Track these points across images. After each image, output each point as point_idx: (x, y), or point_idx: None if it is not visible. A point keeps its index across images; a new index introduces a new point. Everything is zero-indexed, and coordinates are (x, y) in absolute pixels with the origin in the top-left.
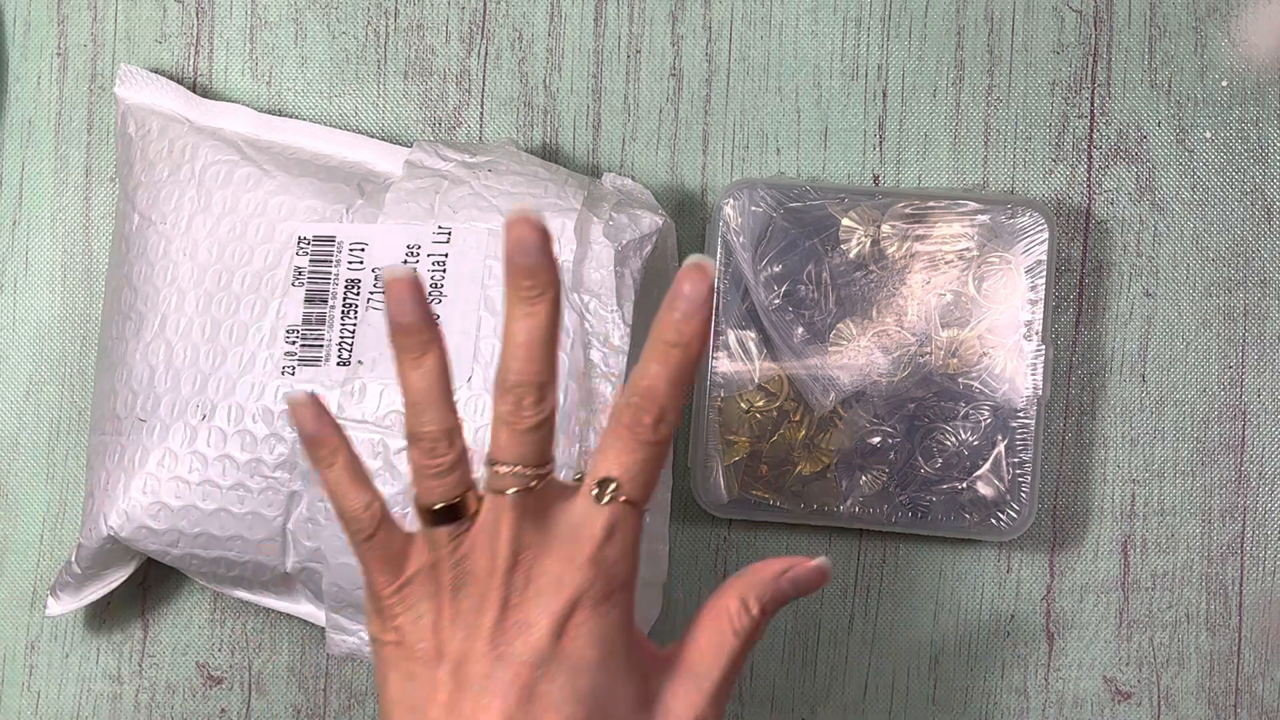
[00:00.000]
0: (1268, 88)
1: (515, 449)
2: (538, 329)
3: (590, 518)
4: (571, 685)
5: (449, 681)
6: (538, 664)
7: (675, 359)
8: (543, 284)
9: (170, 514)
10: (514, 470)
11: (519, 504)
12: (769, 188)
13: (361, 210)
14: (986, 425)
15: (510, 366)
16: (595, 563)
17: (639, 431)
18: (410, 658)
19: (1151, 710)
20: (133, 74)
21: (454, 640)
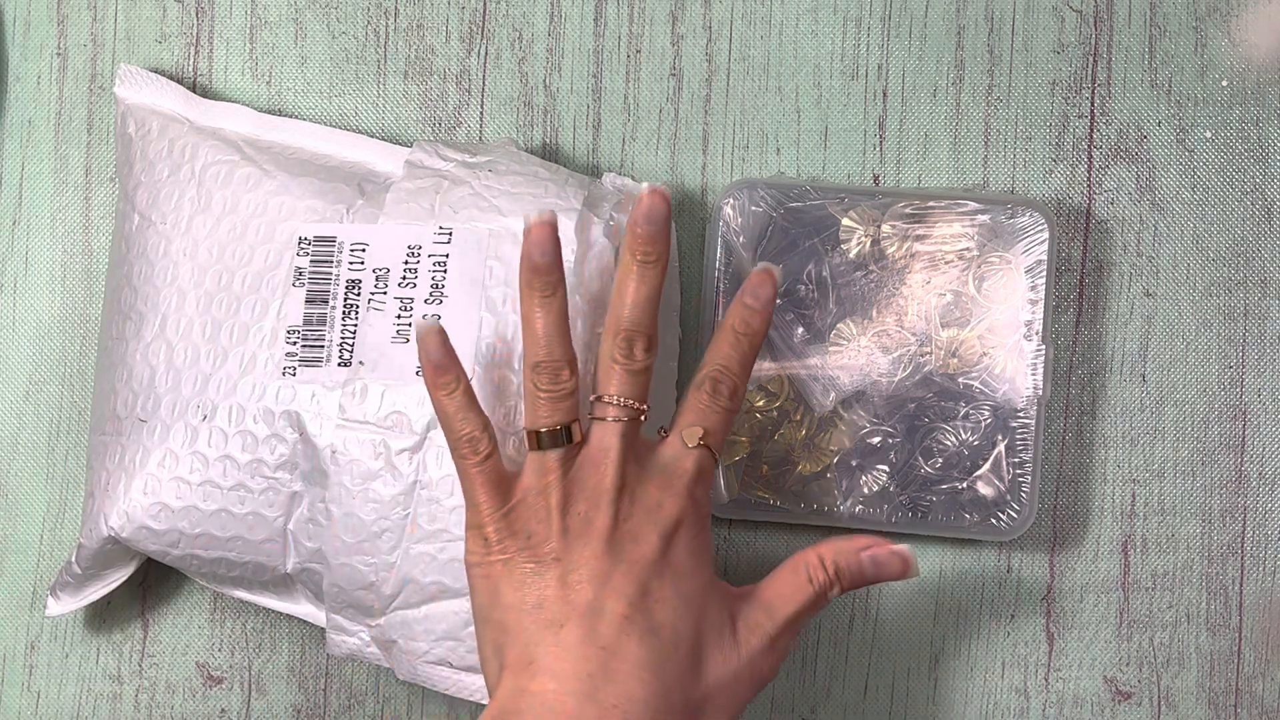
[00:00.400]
0: (1268, 87)
1: (623, 386)
2: (650, 287)
3: (682, 456)
4: (675, 587)
5: (567, 580)
6: (650, 565)
7: (744, 345)
8: (660, 250)
9: (171, 514)
10: (621, 403)
11: (624, 433)
12: (769, 188)
13: (362, 210)
14: (986, 425)
15: (623, 316)
16: (690, 493)
17: (717, 400)
18: (524, 568)
19: (1151, 710)
20: (133, 74)
21: (569, 550)
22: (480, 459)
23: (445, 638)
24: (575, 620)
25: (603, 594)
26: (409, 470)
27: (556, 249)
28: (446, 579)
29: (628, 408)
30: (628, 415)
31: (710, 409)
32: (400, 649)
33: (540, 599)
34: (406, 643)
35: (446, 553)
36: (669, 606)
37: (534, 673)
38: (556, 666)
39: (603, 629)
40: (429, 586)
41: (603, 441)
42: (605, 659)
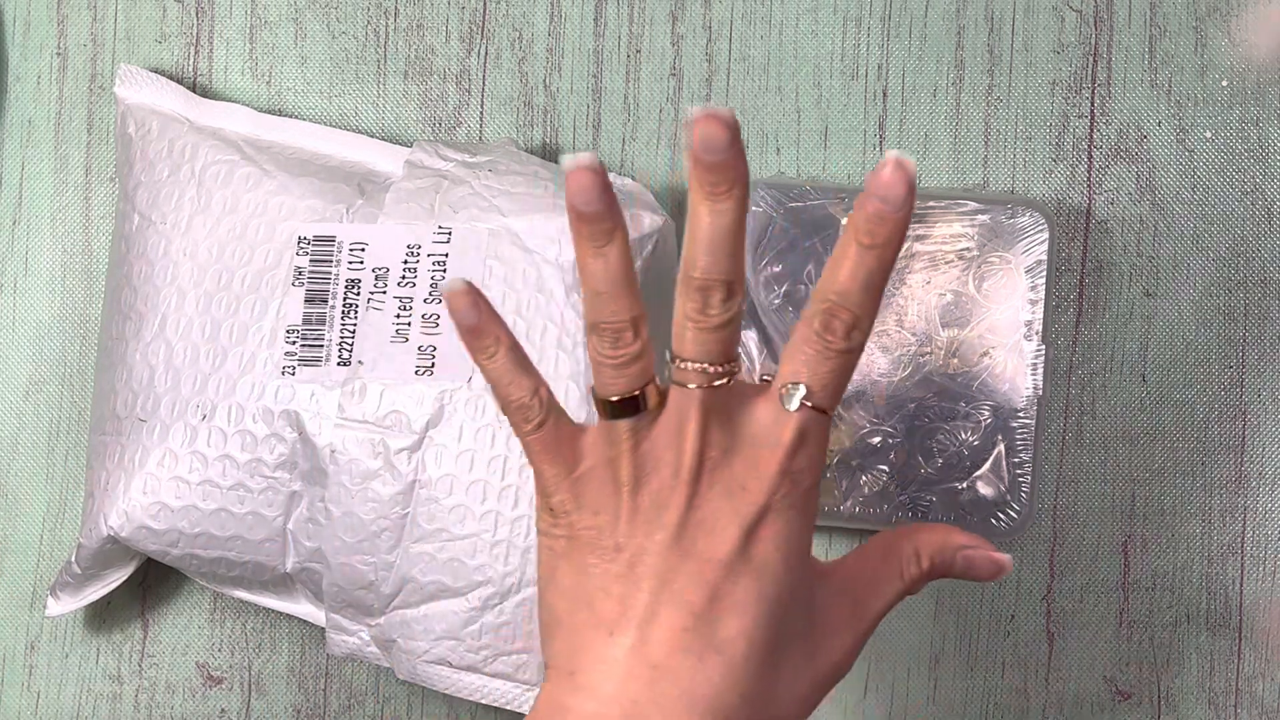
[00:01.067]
0: (1268, 87)
1: (701, 346)
2: (725, 225)
3: (779, 423)
4: (758, 590)
5: (627, 576)
6: (724, 565)
7: (869, 263)
8: (730, 179)
9: (170, 514)
10: (700, 367)
11: (705, 400)
12: (769, 187)
13: (362, 210)
14: (986, 425)
15: (696, 263)
16: (784, 471)
17: (830, 339)
18: (584, 551)
19: (1151, 710)
20: (133, 74)
21: (634, 536)
22: (534, 426)
23: (445, 637)
24: (626, 629)
25: (661, 598)
26: (408, 469)
27: (603, 191)
28: (446, 578)
29: (706, 372)
30: (705, 380)
31: (819, 355)
32: (400, 648)
33: (594, 595)
34: (406, 642)
35: (446, 552)
36: (742, 614)
37: (575, 686)
38: (599, 685)
39: (655, 643)
40: (428, 586)
41: (679, 411)
42: (654, 680)
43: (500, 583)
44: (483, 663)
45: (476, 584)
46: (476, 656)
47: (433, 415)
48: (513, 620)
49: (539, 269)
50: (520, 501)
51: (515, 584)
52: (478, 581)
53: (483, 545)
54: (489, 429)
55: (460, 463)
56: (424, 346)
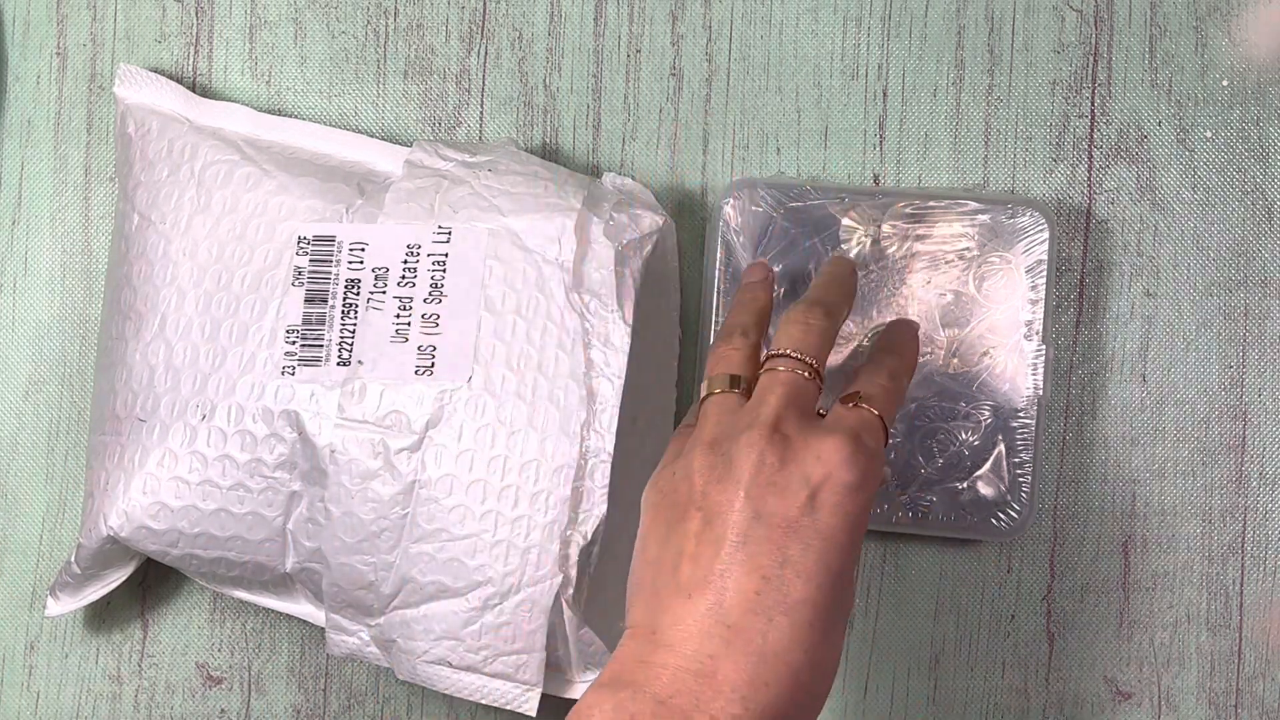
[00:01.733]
0: (1268, 87)
1: (797, 339)
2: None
3: (844, 417)
4: (823, 557)
5: (703, 533)
6: (790, 526)
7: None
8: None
9: (170, 514)
10: (792, 355)
11: (789, 382)
12: (769, 187)
13: (361, 210)
14: (986, 425)
15: (814, 290)
16: (852, 448)
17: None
18: (666, 509)
19: (1152, 710)
20: (132, 74)
21: (709, 492)
22: None
23: (444, 637)
24: (703, 592)
25: (736, 560)
26: (408, 470)
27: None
28: (446, 578)
29: (797, 359)
30: (794, 366)
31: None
32: (399, 648)
33: (676, 559)
34: (406, 642)
35: (445, 552)
36: (808, 580)
37: (656, 643)
38: (680, 642)
39: (730, 606)
40: (428, 586)
41: (763, 390)
42: (730, 639)
43: (500, 583)
44: (483, 663)
45: (476, 584)
46: (476, 657)
47: (432, 415)
48: (513, 620)
49: (539, 269)
50: (520, 501)
51: (515, 584)
52: (478, 581)
53: (483, 545)
54: (489, 429)
55: (460, 463)
56: (424, 346)
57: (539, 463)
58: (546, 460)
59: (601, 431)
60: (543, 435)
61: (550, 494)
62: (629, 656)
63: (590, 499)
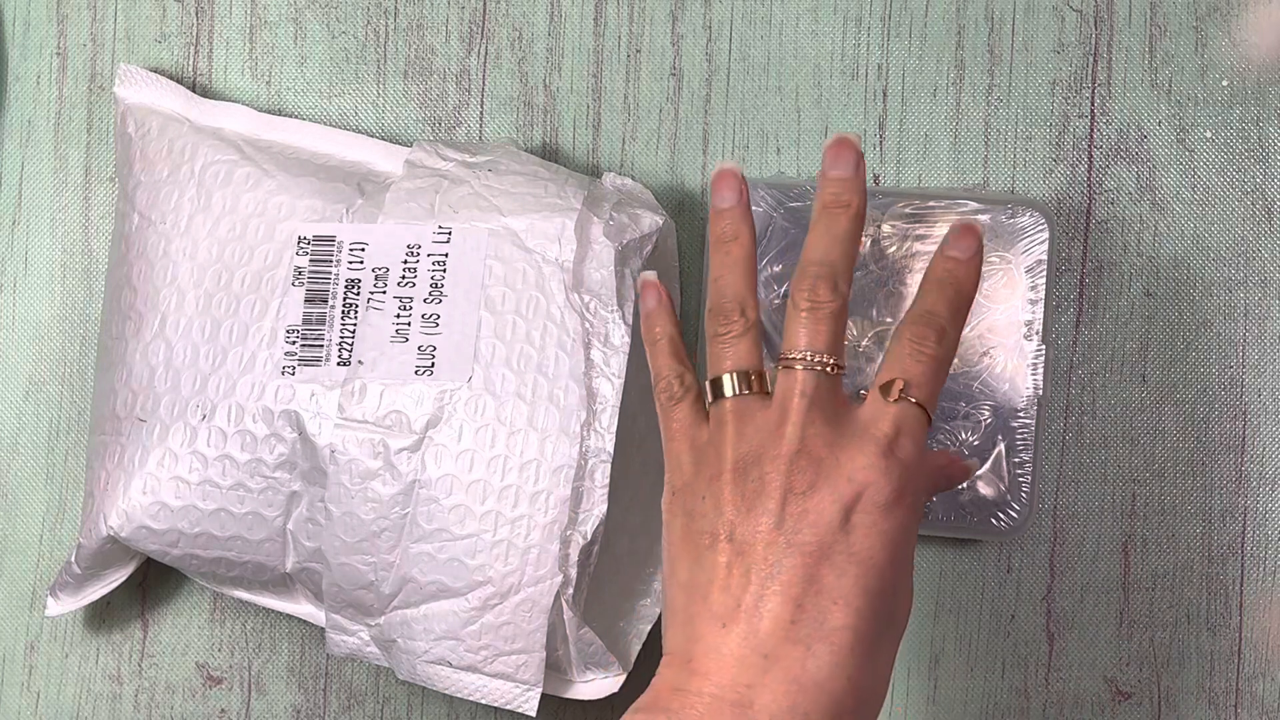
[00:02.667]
0: (1268, 87)
1: (808, 338)
2: (840, 231)
3: (879, 414)
4: (861, 582)
5: (734, 564)
6: (824, 553)
7: (949, 293)
8: (850, 194)
9: (170, 514)
10: (806, 356)
11: (809, 388)
12: (769, 187)
13: (362, 210)
14: (986, 425)
15: (808, 257)
16: (885, 460)
17: (923, 346)
18: (696, 535)
19: (1151, 710)
20: (132, 74)
21: (739, 522)
22: (673, 403)
23: (445, 637)
24: (737, 620)
25: (769, 590)
26: (408, 470)
27: (742, 194)
28: (446, 578)
29: (812, 361)
30: (810, 367)
31: (913, 356)
32: (400, 648)
33: (708, 587)
34: (406, 642)
35: (445, 552)
36: (846, 606)
37: (691, 672)
38: (715, 672)
39: (765, 635)
40: (428, 586)
41: (784, 398)
42: (766, 668)
43: (500, 583)
44: (483, 663)
45: (476, 584)
46: (476, 656)
47: (433, 415)
48: (513, 620)
49: (539, 269)
50: (520, 501)
51: (515, 584)
52: (478, 581)
53: (483, 545)
54: (489, 429)
55: (460, 463)
56: (424, 346)
57: (539, 463)
58: (546, 460)
59: (601, 431)
60: (543, 435)
61: (550, 494)
62: (665, 684)
63: (590, 499)
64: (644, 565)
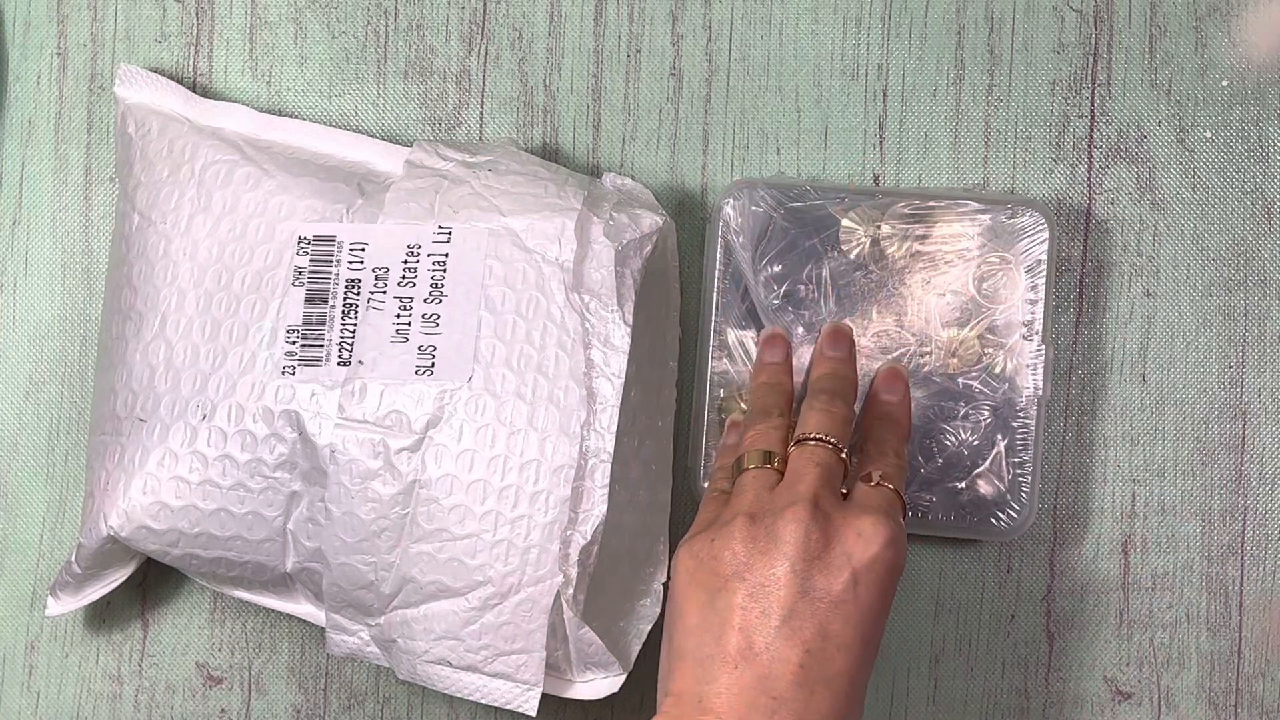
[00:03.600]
0: (1268, 87)
1: (823, 425)
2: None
3: (870, 495)
4: (860, 630)
5: (749, 605)
6: (835, 605)
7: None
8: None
9: (170, 514)
10: (818, 439)
11: (820, 458)
12: (769, 187)
13: (362, 210)
14: (986, 425)
15: (824, 376)
16: (891, 530)
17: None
18: (710, 586)
19: (1151, 710)
20: (132, 74)
21: (754, 566)
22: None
23: (445, 637)
24: (750, 662)
25: (781, 633)
26: (408, 470)
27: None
28: (446, 578)
29: (825, 441)
30: (823, 445)
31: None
32: (400, 648)
33: (721, 628)
34: (406, 642)
35: (445, 552)
36: (847, 653)
37: (703, 709)
38: (726, 711)
39: (776, 678)
40: (428, 586)
41: (798, 466)
42: (774, 709)
43: (500, 583)
44: (483, 662)
45: (476, 584)
46: (476, 656)
47: (433, 415)
48: (513, 620)
49: (539, 269)
50: (520, 501)
51: (515, 584)
52: (478, 581)
53: (483, 545)
54: (489, 429)
55: (460, 463)
56: (424, 346)
57: (539, 463)
58: (546, 460)
59: (601, 431)
60: (543, 435)
61: (550, 494)
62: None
63: (590, 499)
64: (644, 565)
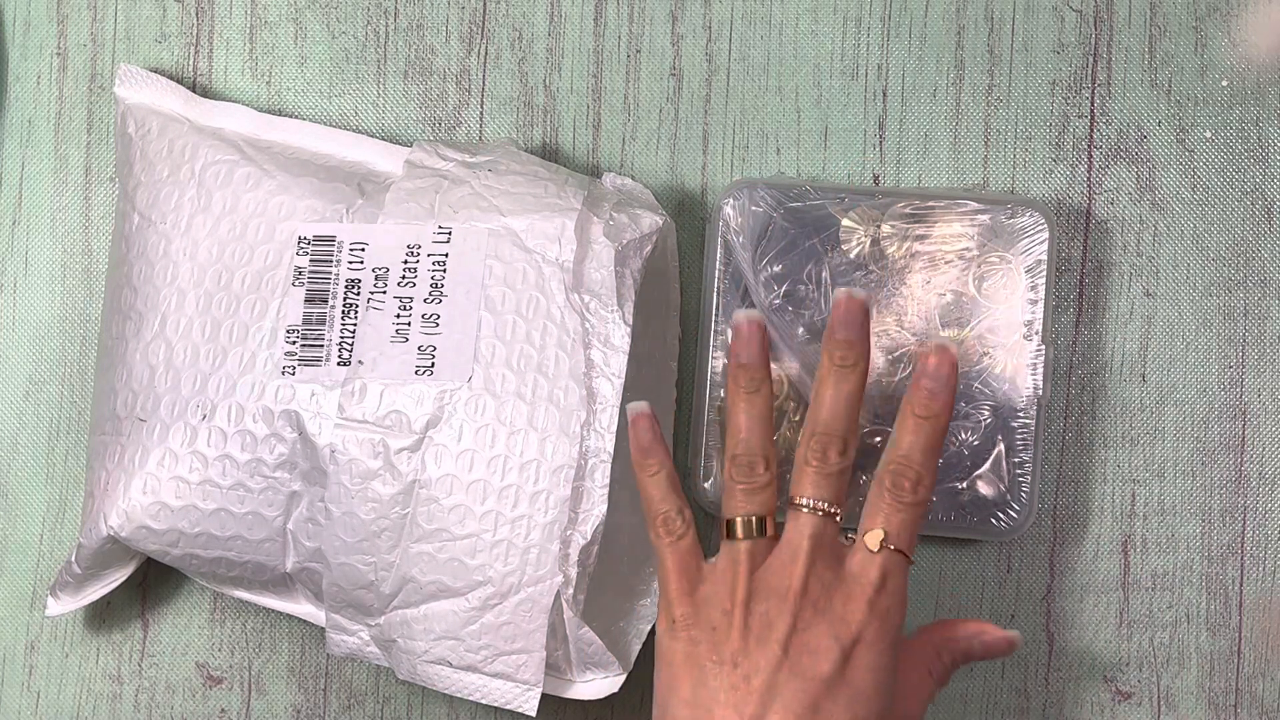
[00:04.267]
0: (1268, 87)
1: (817, 488)
2: (848, 392)
3: (868, 564)
4: (851, 710)
5: (742, 688)
6: (825, 685)
7: (926, 430)
8: (856, 356)
9: (170, 514)
10: (813, 505)
11: (815, 533)
12: (769, 187)
13: (362, 210)
14: (986, 425)
15: (819, 418)
16: (874, 605)
17: (900, 495)
18: (701, 661)
19: (1151, 710)
20: (132, 74)
21: (748, 653)
22: (674, 538)
23: (445, 637)
24: None
25: (771, 709)
26: (408, 470)
27: (762, 346)
28: (446, 578)
29: (819, 509)
30: (817, 515)
31: (893, 507)
32: (400, 648)
33: (713, 704)
34: (406, 642)
35: (445, 552)
36: None
37: None
38: None
39: None
40: (428, 586)
41: (792, 542)
42: None
43: (500, 582)
44: (483, 662)
45: (476, 584)
46: (476, 656)
47: (433, 415)
48: (513, 620)
49: (539, 269)
50: (520, 501)
51: (515, 584)
52: (478, 581)
53: (483, 545)
54: (489, 429)
55: (460, 463)
56: (424, 346)
57: (539, 463)
58: (546, 460)
59: (601, 431)
60: (543, 435)
61: (550, 494)
62: None
63: (590, 499)
64: (644, 565)
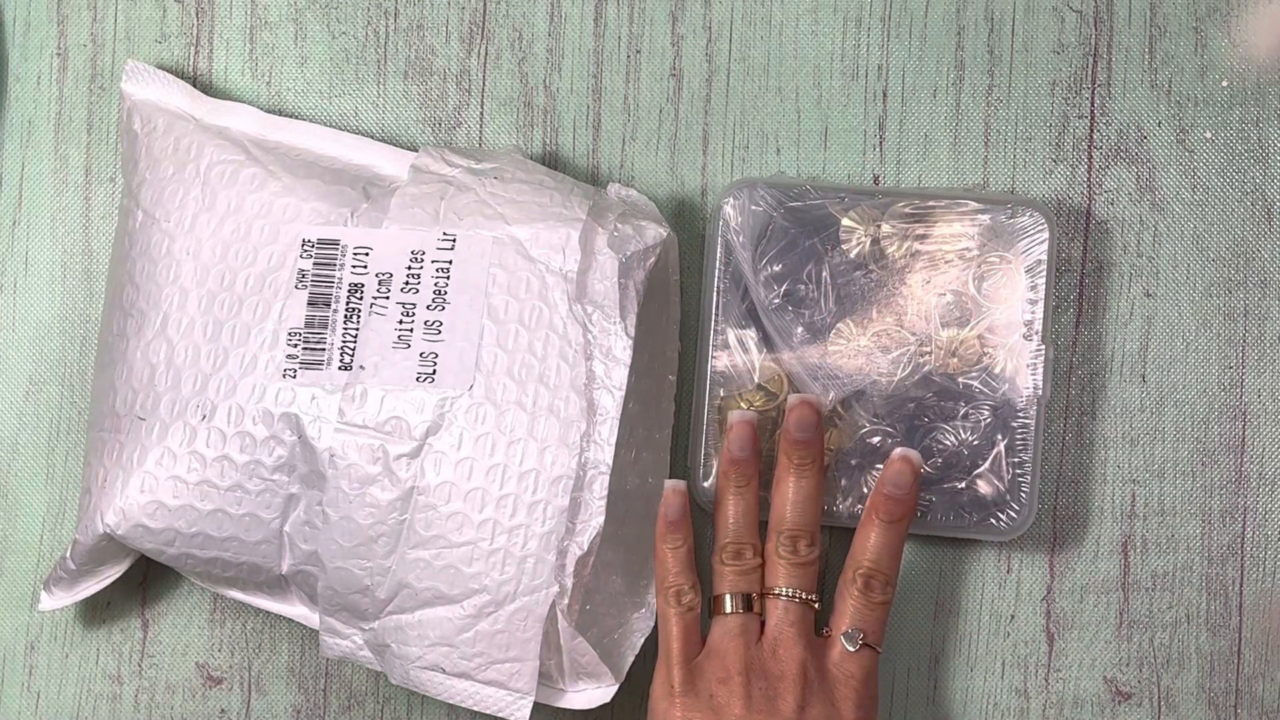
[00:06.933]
0: (1268, 88)
1: (791, 579)
2: (808, 490)
3: (848, 661)
4: None
5: None
6: None
7: (890, 534)
8: (812, 456)
9: (167, 513)
10: (794, 593)
11: (795, 617)
12: (769, 187)
13: (366, 214)
14: (986, 425)
15: (786, 517)
16: (861, 699)
17: (871, 596)
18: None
19: (1151, 710)
20: (139, 70)
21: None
22: (683, 609)
23: (439, 643)
24: None
25: None
26: (407, 476)
27: (754, 444)
28: (441, 585)
29: (796, 599)
30: (794, 602)
31: (866, 608)
32: (393, 653)
33: None
34: (400, 647)
35: (442, 559)
36: None
37: None
38: None
39: None
40: (423, 592)
41: (777, 626)
42: None
43: (496, 591)
44: (476, 670)
45: (472, 591)
46: (470, 663)
47: (433, 422)
48: (507, 629)
49: (543, 278)
50: (518, 510)
51: (511, 593)
52: (474, 589)
53: (480, 553)
54: (489, 437)
55: (459, 470)
56: (426, 353)
57: (538, 472)
58: (545, 470)
59: (601, 443)
60: (542, 445)
61: (548, 504)
62: None
63: (588, 510)
64: (638, 577)
